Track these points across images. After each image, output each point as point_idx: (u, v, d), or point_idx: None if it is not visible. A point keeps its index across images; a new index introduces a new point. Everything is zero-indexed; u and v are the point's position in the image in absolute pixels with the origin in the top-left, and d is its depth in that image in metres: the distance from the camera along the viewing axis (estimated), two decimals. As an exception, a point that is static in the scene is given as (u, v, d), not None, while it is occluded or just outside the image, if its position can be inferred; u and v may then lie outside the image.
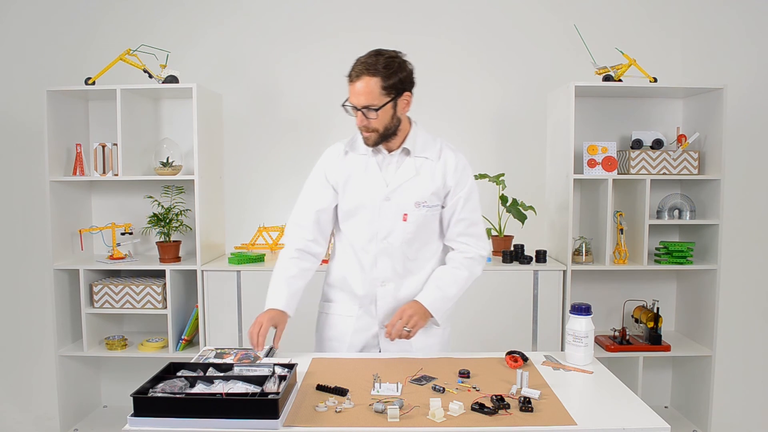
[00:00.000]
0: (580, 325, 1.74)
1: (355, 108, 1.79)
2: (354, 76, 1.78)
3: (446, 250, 1.97)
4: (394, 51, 1.81)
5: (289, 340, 2.81)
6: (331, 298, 2.02)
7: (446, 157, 1.90)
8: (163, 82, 2.93)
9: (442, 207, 1.91)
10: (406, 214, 1.86)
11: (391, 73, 1.77)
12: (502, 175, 3.06)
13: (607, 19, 3.27)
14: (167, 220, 3.05)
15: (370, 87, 1.75)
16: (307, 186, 1.98)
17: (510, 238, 3.11)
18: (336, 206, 1.95)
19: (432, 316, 1.84)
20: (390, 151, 1.89)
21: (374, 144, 1.84)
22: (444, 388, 1.54)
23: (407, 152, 1.89)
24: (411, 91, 1.83)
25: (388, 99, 1.77)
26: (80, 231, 3.10)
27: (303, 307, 2.83)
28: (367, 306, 1.93)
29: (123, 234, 3.12)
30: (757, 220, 3.26)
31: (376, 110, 1.76)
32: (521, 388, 1.52)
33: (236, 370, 1.58)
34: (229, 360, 1.71)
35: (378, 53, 1.79)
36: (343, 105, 1.83)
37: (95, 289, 2.97)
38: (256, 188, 3.38)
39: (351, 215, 1.91)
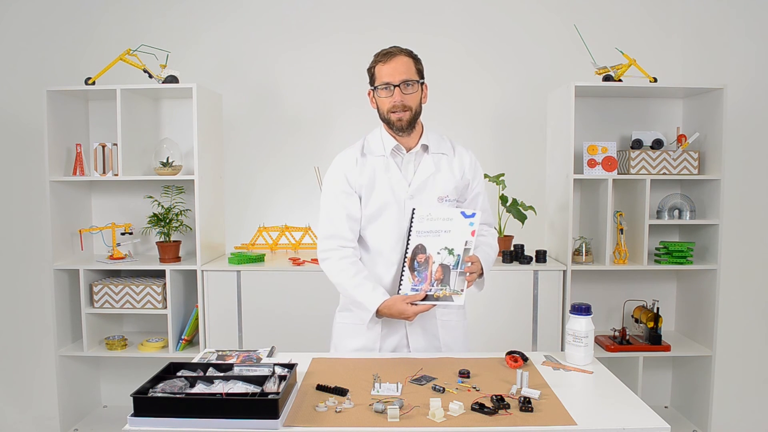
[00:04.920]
0: (580, 325, 1.74)
1: (391, 87, 1.81)
2: (389, 56, 1.83)
3: None
4: None
5: (290, 340, 2.82)
6: (354, 307, 1.93)
7: (460, 152, 1.97)
8: (163, 82, 2.93)
9: (458, 201, 1.95)
10: None
11: (418, 60, 1.88)
12: (502, 175, 3.06)
13: (607, 19, 3.27)
14: (167, 220, 3.05)
15: (408, 64, 1.83)
16: (330, 197, 1.92)
17: (510, 238, 3.11)
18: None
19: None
20: (408, 149, 1.91)
21: (407, 125, 1.85)
22: (444, 388, 1.54)
23: (425, 149, 1.91)
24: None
25: (420, 80, 1.87)
26: (80, 231, 3.10)
27: (306, 310, 2.86)
28: None
29: (123, 234, 3.12)
30: (757, 220, 3.26)
31: (415, 84, 1.83)
32: (521, 388, 1.52)
33: (236, 370, 1.58)
34: (230, 362, 1.71)
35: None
36: (376, 87, 1.85)
37: (95, 289, 2.97)
38: (256, 188, 3.38)
39: (375, 218, 1.90)
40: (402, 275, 1.84)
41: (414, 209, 1.85)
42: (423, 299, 1.78)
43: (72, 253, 3.13)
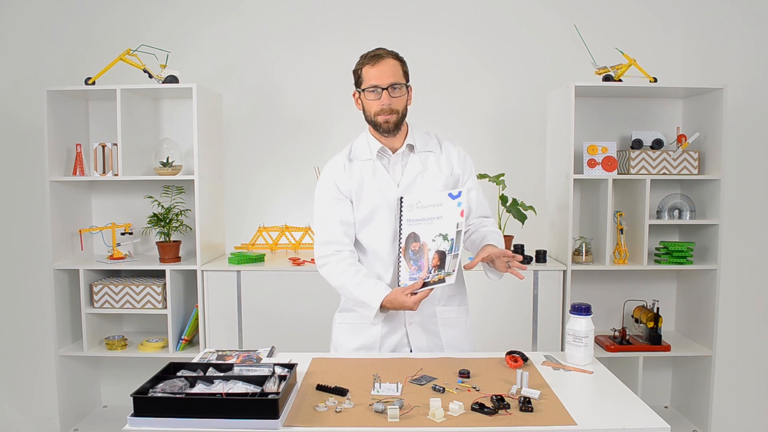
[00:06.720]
0: (580, 325, 1.74)
1: (379, 89, 1.82)
2: (377, 58, 1.83)
3: None
4: None
5: (290, 340, 2.82)
6: (354, 307, 1.93)
7: (448, 148, 1.97)
8: (163, 82, 2.93)
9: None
10: None
11: (405, 62, 1.89)
12: (502, 175, 3.06)
13: (607, 19, 3.27)
14: (167, 220, 3.05)
15: (396, 67, 1.84)
16: (322, 205, 1.94)
17: (510, 238, 3.11)
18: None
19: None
20: (394, 150, 1.91)
21: (394, 127, 1.86)
22: (444, 388, 1.54)
23: (411, 148, 1.92)
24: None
25: (407, 83, 1.88)
26: (80, 231, 3.10)
27: (306, 310, 2.86)
28: None
29: (123, 234, 3.12)
30: (757, 220, 3.26)
31: (402, 87, 1.84)
32: (521, 388, 1.52)
33: (236, 370, 1.58)
34: (230, 362, 1.71)
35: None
36: (363, 90, 1.85)
37: (95, 289, 2.97)
38: (256, 188, 3.38)
39: (368, 221, 1.91)
40: (399, 267, 1.85)
41: (401, 197, 1.86)
42: (422, 286, 1.78)
43: (72, 253, 3.13)
